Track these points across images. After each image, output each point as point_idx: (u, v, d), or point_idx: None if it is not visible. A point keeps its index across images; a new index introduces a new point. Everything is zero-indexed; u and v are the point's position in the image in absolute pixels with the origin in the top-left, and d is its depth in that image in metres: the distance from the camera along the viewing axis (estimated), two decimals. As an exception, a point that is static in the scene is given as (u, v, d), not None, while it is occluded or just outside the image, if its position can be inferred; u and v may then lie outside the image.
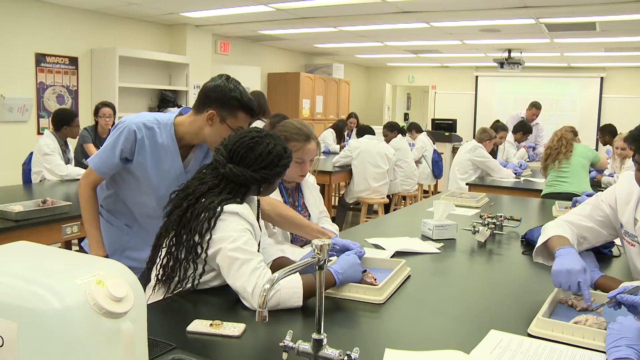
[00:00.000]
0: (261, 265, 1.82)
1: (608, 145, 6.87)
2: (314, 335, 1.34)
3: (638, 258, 2.12)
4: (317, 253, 1.33)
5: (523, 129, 7.46)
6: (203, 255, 1.87)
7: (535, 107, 8.29)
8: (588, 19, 6.99)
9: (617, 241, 2.50)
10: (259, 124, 5.10)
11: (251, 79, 9.25)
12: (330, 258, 2.15)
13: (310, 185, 2.79)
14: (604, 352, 1.49)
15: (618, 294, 1.67)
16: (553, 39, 8.61)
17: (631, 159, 2.03)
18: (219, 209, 1.86)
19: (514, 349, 1.59)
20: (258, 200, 2.08)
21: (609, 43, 8.80)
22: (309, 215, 2.69)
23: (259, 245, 1.96)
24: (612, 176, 5.70)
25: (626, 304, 1.65)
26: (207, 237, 1.85)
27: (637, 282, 1.75)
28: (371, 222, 3.93)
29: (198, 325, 1.62)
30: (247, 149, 1.95)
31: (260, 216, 2.11)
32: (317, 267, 1.34)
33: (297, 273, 1.80)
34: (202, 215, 1.86)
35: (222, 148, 1.98)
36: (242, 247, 1.82)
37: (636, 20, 6.84)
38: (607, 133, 6.97)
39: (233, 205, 1.89)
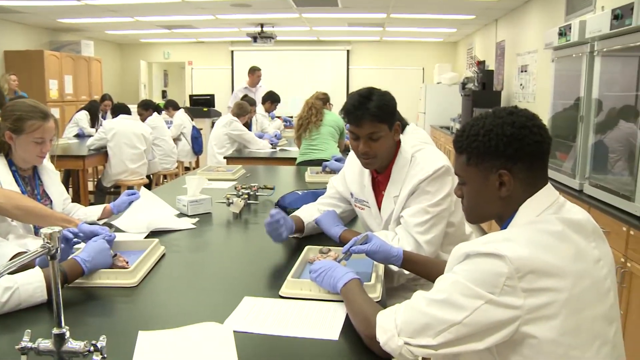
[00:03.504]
0: (-12, 265, 1.65)
1: None
2: (54, 330, 1.26)
3: (369, 219, 2.37)
4: (47, 242, 1.24)
5: (271, 98, 7.75)
6: None
7: (255, 70, 8.72)
8: (331, -5, 7.45)
9: None
10: None
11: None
12: (78, 246, 2.06)
13: (49, 171, 2.60)
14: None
15: (350, 247, 1.85)
16: (301, 14, 9.00)
17: None
18: None
19: (267, 311, 1.67)
20: None
21: (351, 19, 9.46)
22: (51, 203, 2.52)
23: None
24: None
25: (360, 253, 1.86)
26: None
27: (364, 233, 1.93)
28: (129, 205, 3.78)
29: None
30: None
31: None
32: (49, 257, 1.25)
33: (37, 267, 1.68)
34: None
35: None
36: None
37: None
38: None
39: None
